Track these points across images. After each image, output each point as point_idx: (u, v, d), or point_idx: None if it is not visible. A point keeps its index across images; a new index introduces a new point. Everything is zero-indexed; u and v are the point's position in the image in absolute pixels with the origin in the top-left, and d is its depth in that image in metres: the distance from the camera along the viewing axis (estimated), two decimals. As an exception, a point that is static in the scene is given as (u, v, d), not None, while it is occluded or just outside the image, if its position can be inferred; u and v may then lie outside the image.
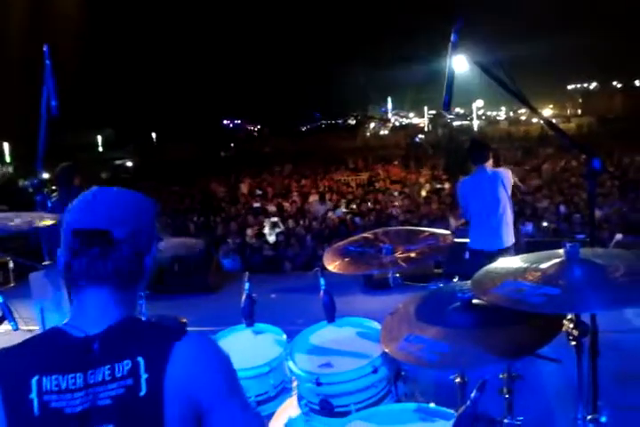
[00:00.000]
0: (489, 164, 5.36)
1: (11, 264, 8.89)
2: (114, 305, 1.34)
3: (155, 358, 1.26)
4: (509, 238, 5.33)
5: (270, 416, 2.56)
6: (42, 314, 3.02)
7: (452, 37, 2.38)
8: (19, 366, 1.27)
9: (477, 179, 5.35)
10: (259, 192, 17.81)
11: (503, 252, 5.17)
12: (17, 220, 2.66)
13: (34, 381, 1.24)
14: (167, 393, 1.24)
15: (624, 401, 3.10)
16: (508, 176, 5.37)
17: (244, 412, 1.35)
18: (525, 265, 2.15)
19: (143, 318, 1.40)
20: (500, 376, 2.54)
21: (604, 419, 2.13)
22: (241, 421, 1.33)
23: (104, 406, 1.24)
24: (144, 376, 1.25)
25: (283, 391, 2.64)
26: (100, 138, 41.94)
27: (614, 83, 60.27)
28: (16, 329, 2.51)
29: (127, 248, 1.34)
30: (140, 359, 1.26)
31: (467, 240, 5.65)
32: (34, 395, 1.23)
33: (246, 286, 2.93)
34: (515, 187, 5.67)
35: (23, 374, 1.26)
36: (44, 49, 3.23)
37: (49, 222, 2.75)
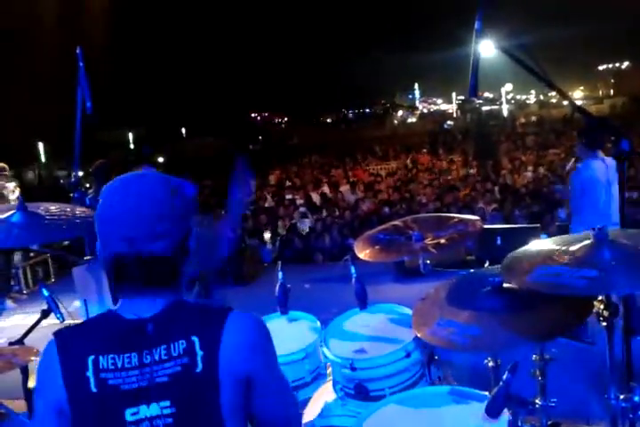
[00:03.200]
0: (602, 151, 4.85)
1: (49, 261, 9.19)
2: (161, 294, 1.40)
3: (208, 335, 1.34)
4: None
5: (306, 401, 2.64)
6: (86, 307, 3.14)
7: (476, 25, 2.39)
8: (76, 347, 1.36)
9: (592, 168, 4.84)
10: (288, 184, 17.89)
11: None
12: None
13: (90, 360, 1.32)
14: (222, 368, 1.33)
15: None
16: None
17: (279, 384, 1.49)
18: (554, 248, 2.17)
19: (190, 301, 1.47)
20: (533, 359, 2.56)
21: (637, 398, 2.15)
22: (281, 396, 1.48)
23: (161, 384, 1.31)
24: (200, 354, 1.32)
25: (318, 377, 2.71)
26: (131, 135, 42.51)
27: (647, 61, 58.56)
28: (62, 321, 2.63)
29: (173, 242, 1.38)
30: (195, 338, 1.33)
31: (497, 226, 5.56)
32: (90, 373, 1.31)
33: (280, 274, 3.00)
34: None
35: (80, 354, 1.34)
36: (77, 51, 3.33)
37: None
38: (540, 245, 2.33)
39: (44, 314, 2.68)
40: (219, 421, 1.32)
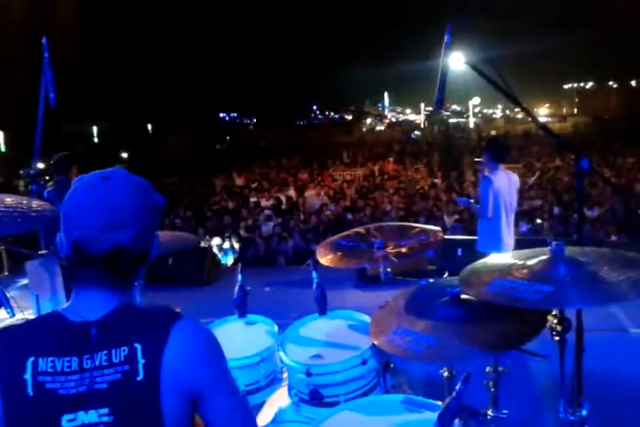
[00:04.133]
0: (502, 165, 5.34)
1: (3, 253, 8.95)
2: (113, 296, 1.37)
3: (152, 344, 1.30)
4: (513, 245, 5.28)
5: (261, 406, 2.61)
6: (37, 302, 3.05)
7: (446, 39, 2.42)
8: (16, 347, 1.30)
9: (502, 178, 5.25)
10: (253, 185, 17.84)
11: None
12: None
13: (29, 362, 1.27)
14: (164, 378, 1.28)
15: (605, 398, 3.17)
16: (518, 181, 5.42)
17: (231, 399, 1.38)
18: (511, 262, 2.21)
19: (138, 306, 1.43)
20: (486, 370, 2.60)
21: (584, 413, 2.19)
22: (229, 408, 1.37)
23: (100, 390, 1.26)
24: (141, 362, 1.28)
25: (273, 381, 2.68)
26: (95, 129, 41.80)
27: (610, 82, 60.41)
28: (12, 316, 2.55)
29: (134, 249, 1.35)
30: (138, 345, 1.29)
31: (458, 237, 5.68)
32: (28, 375, 1.26)
33: (239, 277, 2.97)
34: None
35: (20, 355, 1.28)
36: (43, 41, 3.25)
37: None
38: (498, 258, 2.37)
39: (-6, 309, 2.60)
40: None
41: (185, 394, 1.31)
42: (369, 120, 69.99)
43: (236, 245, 10.28)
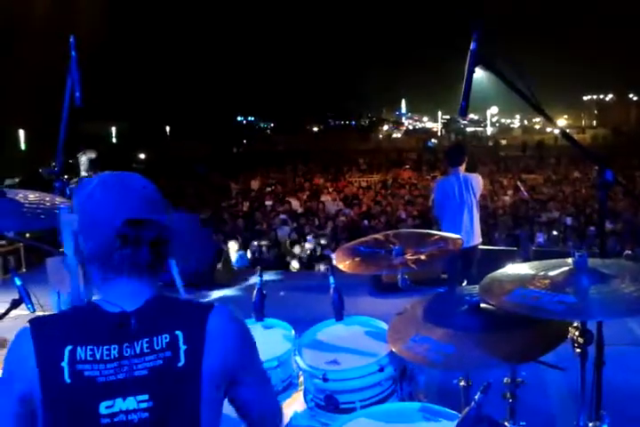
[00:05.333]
0: (462, 168, 5.77)
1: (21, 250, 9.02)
2: (146, 287, 1.41)
3: (192, 330, 1.35)
4: (475, 238, 5.76)
5: (275, 409, 2.61)
6: (59, 299, 3.07)
7: (472, 45, 2.40)
8: (52, 336, 1.33)
9: (450, 181, 5.75)
10: (269, 189, 17.88)
11: (469, 250, 5.63)
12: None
13: (66, 350, 1.30)
14: (206, 362, 1.33)
15: (625, 412, 3.12)
16: (477, 181, 5.80)
17: (262, 384, 1.53)
18: (532, 272, 2.19)
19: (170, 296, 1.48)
20: (504, 381, 2.57)
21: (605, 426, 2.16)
22: (260, 392, 1.52)
23: (140, 377, 1.30)
24: (183, 348, 1.32)
25: (289, 386, 2.67)
26: (114, 129, 42.14)
27: (630, 95, 59.95)
28: (33, 311, 2.57)
29: (169, 234, 1.42)
30: (179, 333, 1.34)
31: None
32: (65, 363, 1.29)
33: (258, 280, 2.96)
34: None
35: (56, 344, 1.31)
36: (71, 40, 3.26)
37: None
38: (519, 268, 2.35)
39: (15, 304, 2.61)
40: (196, 415, 1.31)
41: (222, 378, 1.38)
42: (386, 127, 69.98)
43: (248, 249, 10.27)
